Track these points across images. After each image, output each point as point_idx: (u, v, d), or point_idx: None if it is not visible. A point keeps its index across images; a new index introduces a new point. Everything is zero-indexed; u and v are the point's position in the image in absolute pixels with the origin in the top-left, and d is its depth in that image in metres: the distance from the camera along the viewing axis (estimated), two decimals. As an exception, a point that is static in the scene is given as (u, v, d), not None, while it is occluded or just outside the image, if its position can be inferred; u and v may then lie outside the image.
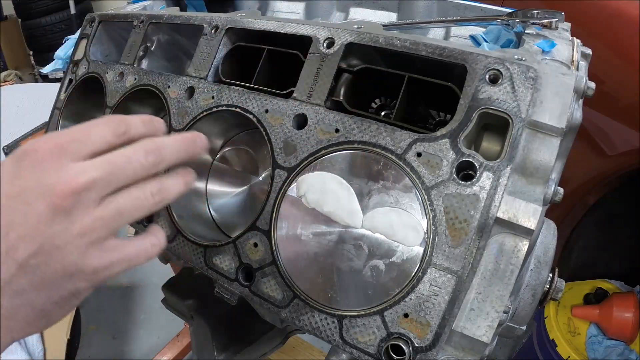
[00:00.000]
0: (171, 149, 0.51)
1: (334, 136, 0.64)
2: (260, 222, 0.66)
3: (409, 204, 0.58)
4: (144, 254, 0.51)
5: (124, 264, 0.48)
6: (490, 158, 0.55)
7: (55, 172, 0.44)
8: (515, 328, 0.68)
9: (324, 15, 1.10)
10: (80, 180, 0.44)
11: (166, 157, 0.50)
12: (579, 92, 0.61)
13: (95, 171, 0.45)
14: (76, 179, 0.44)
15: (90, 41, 1.05)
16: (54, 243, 0.43)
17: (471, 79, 0.58)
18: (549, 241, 0.68)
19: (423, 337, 0.54)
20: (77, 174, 0.44)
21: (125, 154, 0.47)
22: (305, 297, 0.62)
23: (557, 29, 0.70)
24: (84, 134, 0.47)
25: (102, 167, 0.46)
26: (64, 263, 0.44)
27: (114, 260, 0.47)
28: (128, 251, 0.49)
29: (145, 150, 0.48)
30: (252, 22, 0.79)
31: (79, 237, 0.44)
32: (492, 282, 0.54)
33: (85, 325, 2.24)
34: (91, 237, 0.45)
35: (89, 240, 0.45)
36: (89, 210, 0.45)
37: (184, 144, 0.52)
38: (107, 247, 0.47)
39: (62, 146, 0.45)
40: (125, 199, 0.47)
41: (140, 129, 0.50)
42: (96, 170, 0.45)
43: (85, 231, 0.44)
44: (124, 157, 0.47)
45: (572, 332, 1.61)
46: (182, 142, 0.52)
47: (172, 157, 0.51)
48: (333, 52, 0.68)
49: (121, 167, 0.47)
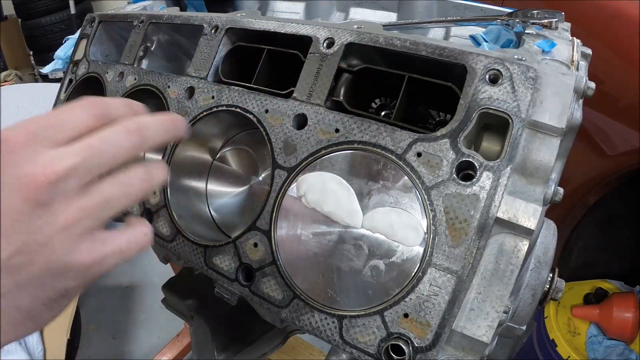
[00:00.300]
0: (154, 128, 0.47)
1: (334, 136, 0.64)
2: (260, 222, 0.66)
3: (409, 204, 0.58)
4: (136, 245, 0.47)
5: (116, 257, 0.45)
6: (490, 158, 0.55)
7: (29, 162, 0.40)
8: (515, 328, 0.68)
9: (324, 15, 1.10)
10: (56, 168, 0.40)
11: (150, 137, 0.46)
12: (579, 92, 0.61)
13: (72, 157, 0.41)
14: (51, 167, 0.40)
15: (90, 41, 1.05)
16: (37, 240, 0.40)
17: (471, 79, 0.58)
18: (549, 241, 0.68)
19: (423, 337, 0.54)
20: (53, 161, 0.40)
21: (106, 135, 0.43)
22: (305, 297, 0.62)
23: (557, 29, 0.70)
24: (59, 119, 0.43)
25: (80, 151, 0.41)
26: (49, 260, 0.40)
27: (105, 254, 0.43)
28: (119, 242, 0.45)
29: (127, 130, 0.44)
30: (252, 22, 0.79)
31: (63, 231, 0.40)
32: (492, 282, 0.54)
33: (85, 325, 2.24)
34: (77, 229, 0.41)
35: (75, 233, 0.41)
36: (72, 201, 0.41)
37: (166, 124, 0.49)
38: (97, 239, 0.43)
39: (35, 133, 0.41)
40: (112, 185, 0.44)
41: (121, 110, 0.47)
42: (74, 155, 0.41)
43: (69, 224, 0.41)
44: (104, 139, 0.43)
45: (572, 332, 1.61)
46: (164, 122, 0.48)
47: (155, 137, 0.47)
48: (333, 52, 0.68)
49: (101, 150, 0.42)
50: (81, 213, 0.41)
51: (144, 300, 2.56)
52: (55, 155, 0.41)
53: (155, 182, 0.48)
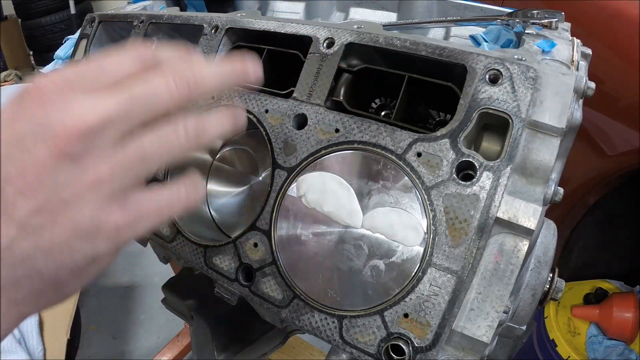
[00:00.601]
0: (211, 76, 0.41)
1: (334, 136, 0.64)
2: (260, 222, 0.66)
3: (409, 204, 0.58)
4: (178, 205, 0.42)
5: (152, 218, 0.40)
6: (490, 158, 0.55)
7: (60, 111, 0.35)
8: (515, 328, 0.68)
9: (324, 15, 1.10)
10: (90, 118, 0.35)
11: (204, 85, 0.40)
12: (579, 92, 0.61)
13: (109, 107, 0.36)
14: (85, 117, 0.35)
15: (90, 41, 1.05)
16: (61, 197, 0.35)
17: (471, 79, 0.58)
18: (549, 241, 0.68)
19: (423, 337, 0.54)
20: (87, 111, 0.35)
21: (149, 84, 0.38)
22: (305, 297, 0.62)
23: (557, 29, 0.70)
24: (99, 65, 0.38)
25: (119, 101, 0.36)
26: (75, 221, 0.36)
27: (140, 215, 0.39)
28: (158, 202, 0.40)
29: (177, 76, 0.39)
30: (252, 22, 0.79)
31: (92, 189, 0.36)
32: (492, 282, 0.54)
33: (85, 325, 2.24)
34: (109, 187, 0.37)
35: (107, 191, 0.37)
36: (105, 155, 0.36)
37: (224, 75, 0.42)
38: (131, 198, 0.38)
39: (71, 80, 0.37)
40: (151, 138, 0.38)
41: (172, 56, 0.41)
42: (111, 105, 0.36)
43: (100, 180, 0.36)
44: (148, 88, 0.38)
45: (572, 332, 1.61)
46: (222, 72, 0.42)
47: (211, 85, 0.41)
48: (333, 52, 0.68)
49: (143, 101, 0.37)
50: (114, 169, 0.37)
51: (144, 300, 2.56)
52: (90, 105, 0.36)
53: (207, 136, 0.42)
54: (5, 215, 0.34)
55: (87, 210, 0.36)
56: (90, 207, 0.36)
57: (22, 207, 0.35)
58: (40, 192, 0.35)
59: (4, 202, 0.34)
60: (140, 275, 2.66)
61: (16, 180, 0.34)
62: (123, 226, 0.38)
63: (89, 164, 0.36)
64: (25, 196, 0.35)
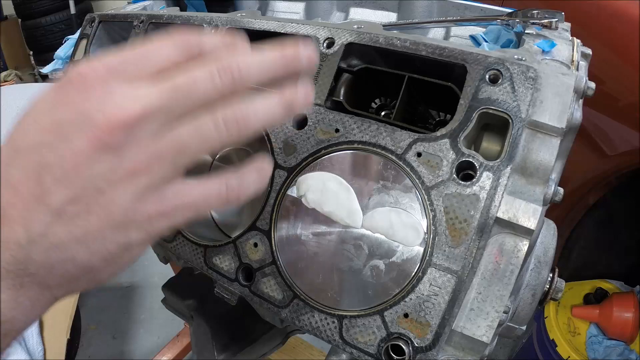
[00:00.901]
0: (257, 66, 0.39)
1: (334, 136, 0.64)
2: (260, 222, 0.66)
3: (409, 204, 0.58)
4: (217, 199, 0.41)
5: (188, 210, 0.40)
6: (490, 158, 0.55)
7: (102, 100, 0.35)
8: (515, 328, 0.68)
9: (324, 15, 1.10)
10: (132, 109, 0.35)
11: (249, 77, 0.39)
12: (579, 92, 0.61)
13: (153, 98, 0.36)
14: (128, 108, 0.35)
15: (90, 41, 1.05)
16: (97, 186, 0.35)
17: (471, 79, 0.58)
18: (549, 241, 0.68)
19: (423, 337, 0.54)
20: (130, 102, 0.35)
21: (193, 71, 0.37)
22: (305, 297, 0.62)
23: (557, 29, 0.70)
24: (143, 53, 0.38)
25: (162, 92, 0.36)
26: (109, 210, 0.36)
27: (175, 206, 0.39)
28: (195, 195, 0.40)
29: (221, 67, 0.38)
30: (252, 22, 0.79)
31: (128, 179, 0.36)
32: (492, 282, 0.54)
33: (85, 325, 2.24)
34: (145, 178, 0.37)
35: (143, 182, 0.37)
36: (143, 145, 0.36)
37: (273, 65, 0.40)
38: (167, 189, 0.38)
39: (114, 68, 0.37)
40: (189, 129, 0.37)
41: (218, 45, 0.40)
42: (154, 96, 0.36)
43: (136, 171, 0.36)
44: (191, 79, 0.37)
45: (572, 332, 1.61)
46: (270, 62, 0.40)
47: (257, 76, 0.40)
48: (333, 52, 0.68)
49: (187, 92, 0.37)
50: (151, 159, 0.37)
51: (144, 300, 2.56)
52: (132, 96, 0.36)
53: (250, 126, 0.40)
54: (41, 203, 0.35)
55: (121, 200, 0.36)
56: (125, 198, 0.36)
57: (58, 195, 0.35)
58: (77, 181, 0.35)
59: (42, 190, 0.35)
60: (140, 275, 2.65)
61: (54, 169, 0.35)
62: (157, 217, 0.38)
63: (127, 154, 0.36)
64: (63, 185, 0.35)
